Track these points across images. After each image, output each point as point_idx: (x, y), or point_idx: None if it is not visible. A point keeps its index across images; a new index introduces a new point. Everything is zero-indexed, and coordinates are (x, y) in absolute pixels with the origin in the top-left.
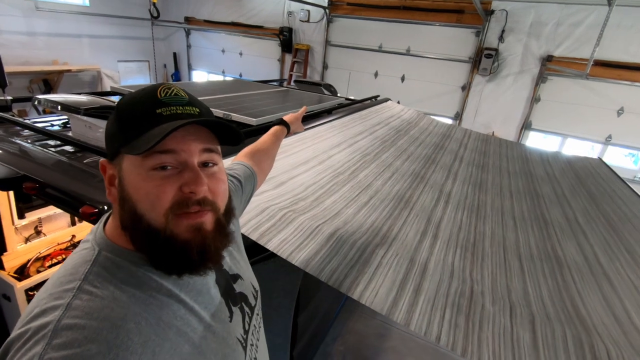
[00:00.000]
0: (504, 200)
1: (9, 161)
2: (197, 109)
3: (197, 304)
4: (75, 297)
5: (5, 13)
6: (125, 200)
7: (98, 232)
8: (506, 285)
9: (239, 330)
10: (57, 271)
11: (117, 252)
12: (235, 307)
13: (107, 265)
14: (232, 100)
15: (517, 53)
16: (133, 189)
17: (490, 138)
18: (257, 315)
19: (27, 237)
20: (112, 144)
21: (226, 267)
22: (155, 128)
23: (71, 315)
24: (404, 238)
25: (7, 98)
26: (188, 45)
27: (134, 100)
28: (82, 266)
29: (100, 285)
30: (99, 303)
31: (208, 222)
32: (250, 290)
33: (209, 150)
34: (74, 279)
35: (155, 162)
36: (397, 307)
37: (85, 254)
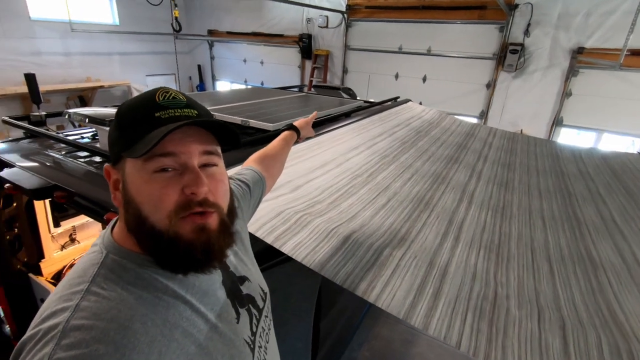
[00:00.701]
0: (532, 200)
1: (42, 172)
2: (195, 111)
3: (203, 304)
4: (83, 299)
5: (45, 36)
6: (129, 204)
7: (106, 236)
8: (534, 288)
9: (246, 331)
10: (68, 274)
11: (124, 254)
12: (242, 308)
13: (114, 267)
14: (251, 107)
15: (544, 47)
16: (136, 192)
17: (517, 136)
18: (266, 317)
19: (62, 244)
20: (114, 149)
21: (232, 268)
22: (154, 131)
23: (79, 317)
24: (423, 240)
25: (42, 114)
26: (211, 56)
27: (133, 105)
28: (90, 269)
29: (107, 287)
30: (106, 304)
31: (212, 222)
32: (258, 292)
33: (208, 152)
34: (83, 281)
35: (156, 165)
36: (415, 311)
37: (93, 257)
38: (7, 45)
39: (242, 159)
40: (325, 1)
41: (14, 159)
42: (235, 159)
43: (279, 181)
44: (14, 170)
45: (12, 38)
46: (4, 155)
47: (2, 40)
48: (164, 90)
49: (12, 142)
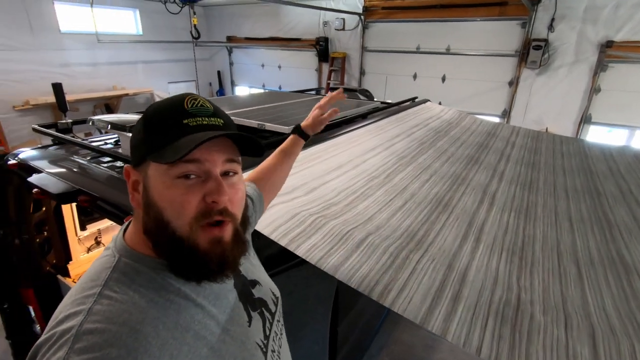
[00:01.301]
0: (558, 201)
1: (67, 177)
2: (221, 120)
3: (215, 308)
4: (96, 302)
5: (73, 48)
6: (150, 207)
7: (118, 239)
8: (560, 293)
9: (258, 335)
10: (81, 278)
11: (136, 258)
12: (254, 312)
13: (126, 271)
14: (268, 111)
15: (570, 42)
16: (158, 196)
17: (542, 134)
18: (278, 322)
19: (88, 247)
20: (138, 151)
21: (244, 272)
22: (182, 138)
23: (92, 320)
24: (441, 243)
25: (68, 121)
26: (230, 62)
27: (162, 109)
28: (103, 272)
29: (119, 290)
30: (119, 308)
31: (227, 234)
32: (269, 296)
33: (231, 160)
34: (95, 285)
35: (181, 171)
36: (432, 316)
37: (105, 261)
38: (39, 58)
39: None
40: (341, 4)
41: (43, 165)
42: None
43: (294, 183)
44: (41, 175)
45: (44, 50)
46: (34, 162)
47: (34, 52)
48: (192, 98)
49: (41, 149)
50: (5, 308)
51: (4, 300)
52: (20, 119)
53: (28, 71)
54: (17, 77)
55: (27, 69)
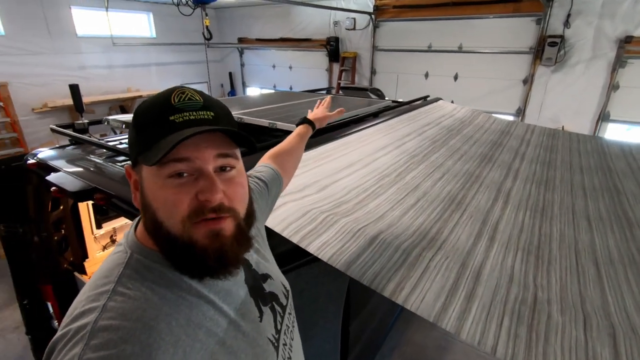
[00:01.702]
0: (576, 199)
1: (84, 176)
2: (211, 112)
3: (226, 304)
4: (110, 299)
5: (90, 51)
6: (146, 207)
7: (130, 235)
8: (579, 292)
9: (270, 330)
10: (94, 274)
11: (147, 254)
12: (265, 306)
13: (138, 267)
14: (279, 110)
15: (587, 38)
16: (152, 197)
17: (558, 132)
18: (290, 315)
19: (104, 245)
20: (132, 151)
21: (255, 266)
22: (168, 136)
23: (106, 317)
24: (455, 241)
25: (85, 122)
26: (242, 64)
27: (149, 107)
28: (116, 269)
29: (132, 286)
30: (132, 304)
31: (227, 228)
32: (280, 289)
33: (224, 155)
34: (109, 281)
35: (171, 171)
36: (446, 314)
37: (117, 257)
38: (56, 61)
39: None
40: (352, 3)
41: (60, 164)
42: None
43: (305, 181)
44: (59, 174)
45: (61, 54)
46: (52, 161)
47: (52, 56)
48: (180, 91)
49: (58, 148)
50: (25, 304)
51: (24, 296)
52: (38, 121)
53: (46, 75)
54: (36, 81)
55: (46, 72)
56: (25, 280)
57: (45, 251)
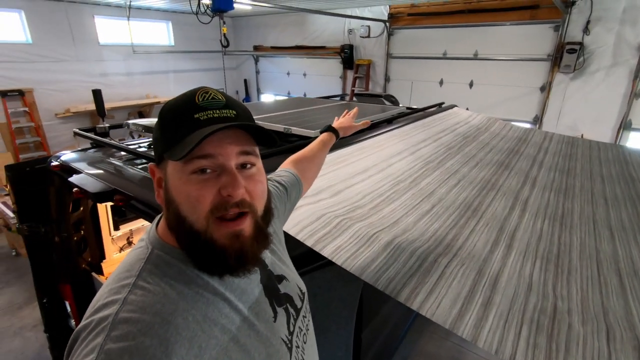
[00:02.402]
0: (597, 208)
1: (104, 178)
2: (233, 111)
3: (242, 302)
4: (130, 293)
5: (111, 59)
6: (169, 203)
7: (151, 231)
8: (601, 303)
9: (283, 330)
10: (117, 268)
11: (168, 250)
12: (279, 307)
13: (158, 263)
14: (294, 116)
15: (607, 44)
16: (176, 192)
17: (577, 140)
18: (304, 317)
19: (121, 246)
20: (157, 149)
21: (271, 267)
22: (193, 133)
23: (127, 310)
24: (471, 248)
25: (106, 125)
26: (257, 71)
27: (174, 106)
28: (137, 263)
29: (152, 281)
30: (151, 298)
31: (246, 228)
32: (296, 291)
33: (245, 152)
34: (130, 275)
35: (195, 167)
36: (462, 321)
37: (139, 252)
38: (79, 68)
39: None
40: (367, 11)
41: (82, 167)
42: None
43: (320, 186)
44: (81, 176)
45: (84, 62)
46: (74, 163)
47: (76, 63)
48: (204, 91)
49: (80, 151)
50: (45, 303)
51: (44, 295)
52: (61, 125)
53: (69, 81)
54: (60, 87)
55: (69, 78)
56: (45, 279)
57: (65, 251)
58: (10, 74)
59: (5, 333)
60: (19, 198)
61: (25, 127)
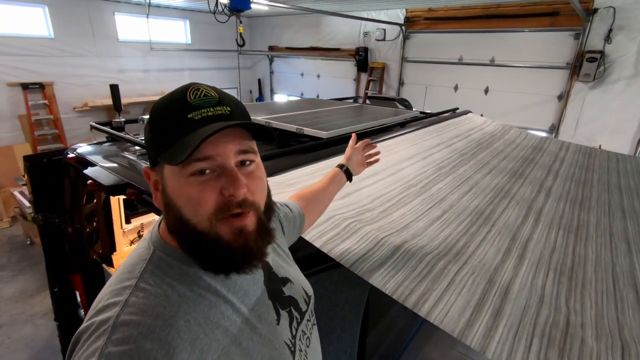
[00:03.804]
0: (614, 221)
1: (118, 171)
2: (227, 107)
3: (244, 305)
4: (132, 295)
5: (129, 55)
6: (169, 206)
7: (154, 231)
8: (616, 319)
9: (286, 334)
10: (119, 268)
11: (169, 251)
12: (283, 310)
13: (160, 264)
14: (306, 116)
15: (629, 54)
16: (176, 196)
17: (594, 151)
18: (308, 321)
19: (131, 240)
20: (150, 151)
21: (275, 269)
22: (188, 135)
23: (128, 312)
24: (482, 256)
25: (122, 120)
26: (271, 71)
27: (165, 105)
28: (139, 264)
29: (154, 283)
30: (153, 301)
31: (250, 224)
32: (301, 294)
33: (244, 150)
34: (132, 276)
35: (194, 169)
36: (471, 330)
37: (142, 253)
38: (98, 64)
39: (295, 164)
40: (383, 14)
41: (97, 160)
42: (287, 164)
43: None
44: (95, 168)
45: (103, 57)
46: (89, 156)
47: (95, 59)
48: (195, 88)
49: (96, 144)
50: (56, 291)
51: (55, 284)
52: (79, 119)
53: (88, 76)
54: (79, 81)
55: (88, 73)
56: (57, 269)
57: (78, 242)
58: (32, 67)
59: (17, 320)
60: (36, 188)
61: (44, 119)
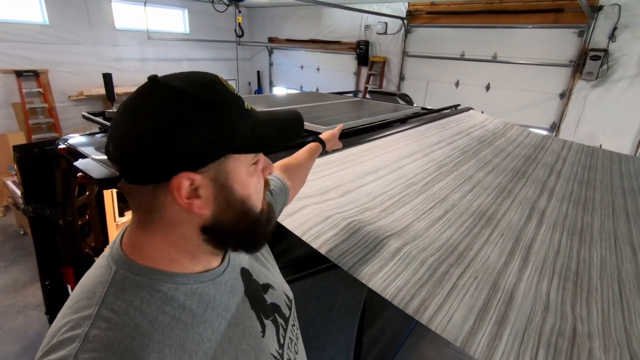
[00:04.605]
0: (618, 223)
1: (110, 164)
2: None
3: (225, 320)
4: (92, 327)
5: (125, 43)
6: (232, 204)
7: (114, 247)
8: (623, 328)
9: (273, 345)
10: (74, 291)
11: (136, 270)
12: (267, 319)
13: (125, 285)
14: (306, 110)
15: (633, 52)
16: (242, 187)
17: (597, 151)
18: (293, 326)
19: None
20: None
21: (255, 276)
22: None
23: (89, 349)
24: (485, 259)
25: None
26: (270, 63)
27: (218, 95)
28: (99, 288)
29: (118, 309)
30: (118, 333)
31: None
32: (283, 299)
33: None
34: (91, 304)
35: (255, 158)
36: (475, 339)
37: (100, 273)
38: (95, 52)
39: None
40: (385, 7)
41: (89, 151)
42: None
43: (328, 184)
44: (86, 160)
45: (100, 45)
46: (81, 147)
47: (91, 47)
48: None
49: (88, 135)
50: (47, 284)
51: (46, 277)
52: (74, 108)
53: (84, 64)
54: (74, 69)
55: (84, 61)
56: (48, 262)
57: (69, 235)
58: (26, 54)
59: (10, 311)
60: (26, 179)
61: (38, 107)
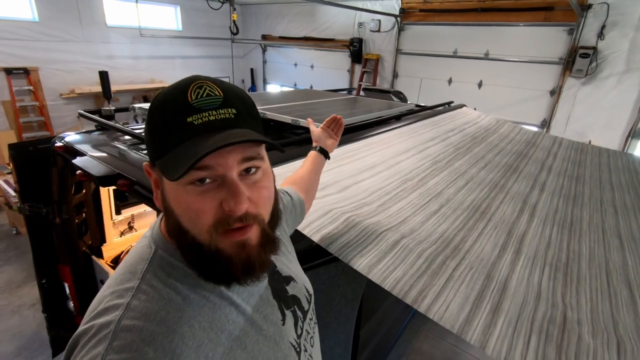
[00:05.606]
0: (606, 217)
1: (108, 161)
2: (232, 110)
3: (250, 306)
4: (134, 297)
5: (118, 41)
6: (169, 212)
7: (155, 228)
8: (611, 315)
9: (291, 334)
10: (119, 266)
11: (171, 251)
12: (287, 310)
13: (162, 264)
14: (301, 108)
15: (621, 50)
16: (174, 203)
17: (586, 147)
18: (311, 320)
19: (122, 231)
20: (148, 151)
21: (279, 268)
22: (186, 142)
23: (130, 316)
24: (479, 251)
25: (111, 108)
26: (264, 61)
27: (163, 105)
28: (140, 264)
29: (156, 285)
30: (156, 305)
31: (253, 237)
32: (303, 293)
33: (249, 158)
34: (133, 277)
35: (192, 178)
36: (470, 326)
37: (143, 252)
38: (86, 49)
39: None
40: (378, 5)
41: (86, 149)
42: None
43: (326, 180)
44: (85, 158)
45: (91, 43)
46: (78, 145)
47: (83, 44)
48: (197, 85)
49: (85, 133)
50: (44, 283)
51: (43, 276)
52: (65, 106)
53: (76, 62)
54: (65, 67)
55: (75, 59)
56: (45, 260)
57: (66, 233)
58: (16, 52)
59: (4, 311)
60: (22, 177)
61: (29, 106)
